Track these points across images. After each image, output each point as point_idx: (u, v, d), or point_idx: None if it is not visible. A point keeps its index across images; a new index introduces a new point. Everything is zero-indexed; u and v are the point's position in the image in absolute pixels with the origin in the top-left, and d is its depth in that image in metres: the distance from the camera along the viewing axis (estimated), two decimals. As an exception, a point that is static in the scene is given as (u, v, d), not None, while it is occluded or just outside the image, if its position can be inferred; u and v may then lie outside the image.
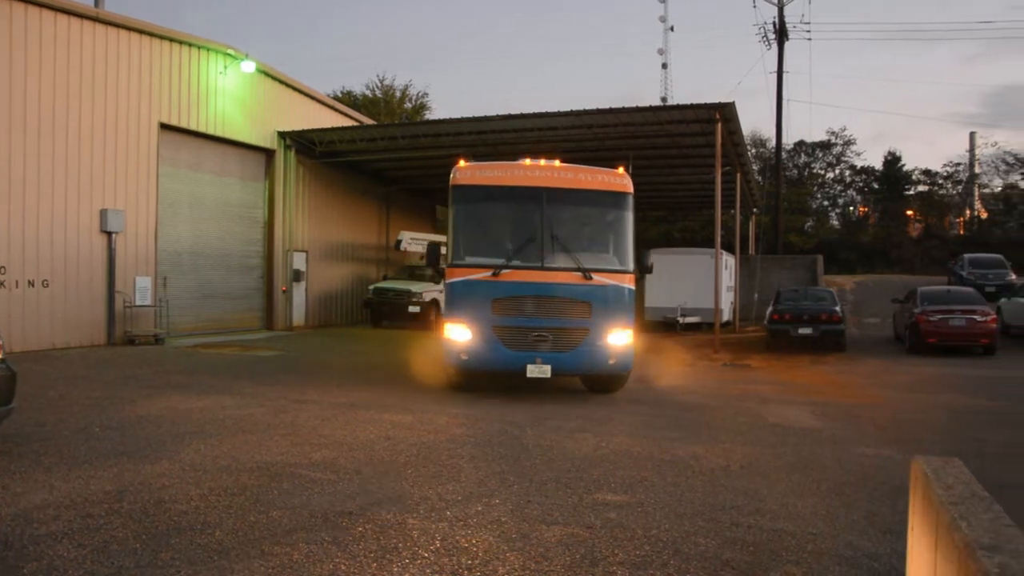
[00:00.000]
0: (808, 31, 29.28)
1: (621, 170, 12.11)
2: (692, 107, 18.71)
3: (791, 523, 5.95)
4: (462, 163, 11.95)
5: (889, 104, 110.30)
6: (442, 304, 21.04)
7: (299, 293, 24.40)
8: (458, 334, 11.31)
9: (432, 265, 11.89)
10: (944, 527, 2.98)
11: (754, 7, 28.09)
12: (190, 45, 20.23)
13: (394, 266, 29.26)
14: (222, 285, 21.90)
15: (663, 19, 64.10)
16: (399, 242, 28.24)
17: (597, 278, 11.24)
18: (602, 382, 12.15)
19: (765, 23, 27.95)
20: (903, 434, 9.62)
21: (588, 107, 19.25)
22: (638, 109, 19.28)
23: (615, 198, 11.88)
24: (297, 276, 24.06)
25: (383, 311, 25.43)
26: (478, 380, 12.12)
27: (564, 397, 12.01)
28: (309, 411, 10.19)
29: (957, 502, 3.13)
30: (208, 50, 20.79)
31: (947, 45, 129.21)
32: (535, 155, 23.43)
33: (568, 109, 19.51)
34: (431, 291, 24.90)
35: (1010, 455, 8.61)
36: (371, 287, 26.03)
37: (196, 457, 7.54)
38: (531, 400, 11.59)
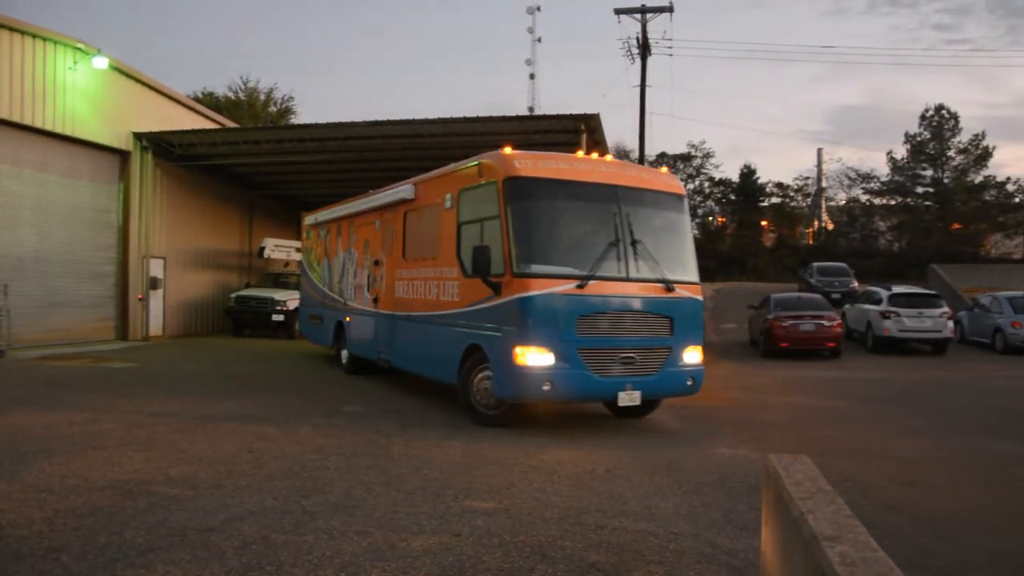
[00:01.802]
0: (670, 47, 30.54)
1: (665, 170, 11.30)
2: (558, 117, 19.08)
3: (654, 524, 6.14)
4: (508, 150, 10.11)
5: (744, 119, 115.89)
6: (299, 309, 20.46)
7: (156, 301, 23.31)
8: (537, 359, 9.21)
9: (481, 274, 9.50)
10: (793, 521, 3.16)
11: (618, 22, 28.84)
12: (34, 37, 18.98)
13: (257, 274, 28.43)
14: (71, 293, 20.63)
15: (531, 31, 65.17)
16: (262, 249, 27.46)
17: (678, 290, 10.04)
18: (642, 407, 10.47)
19: (629, 38, 28.84)
20: (758, 434, 10.10)
21: (456, 115, 19.30)
22: (506, 118, 19.48)
23: (678, 201, 10.82)
24: (154, 284, 22.98)
25: (245, 320, 24.66)
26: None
27: (429, 405, 11.97)
28: (166, 425, 9.76)
29: (805, 497, 3.33)
30: (56, 43, 19.57)
31: (796, 67, 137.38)
32: (403, 163, 23.53)
33: (436, 117, 19.49)
34: (295, 299, 24.32)
35: (853, 451, 9.19)
36: (233, 295, 25.19)
37: (40, 477, 7.08)
38: (396, 409, 11.50)
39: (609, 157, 10.57)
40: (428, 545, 5.49)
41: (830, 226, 55.05)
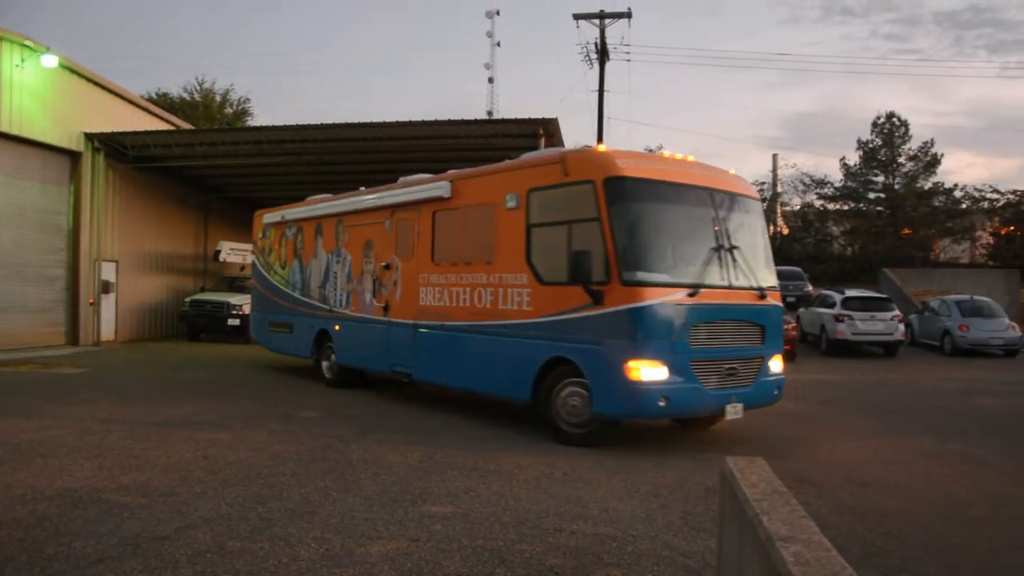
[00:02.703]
0: (628, 53, 30.79)
1: (733, 171, 10.84)
2: (516, 121, 19.12)
3: (612, 527, 6.17)
4: (601, 147, 9.52)
5: (702, 125, 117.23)
6: (251, 315, 18.30)
7: (108, 306, 22.87)
8: (652, 374, 8.60)
9: (582, 281, 8.77)
10: (748, 522, 3.20)
11: (577, 27, 28.97)
12: (-20, 34, 18.54)
13: (213, 277, 28.04)
14: (18, 297, 20.14)
15: (490, 35, 65.12)
16: (218, 252, 27.10)
17: (769, 297, 9.77)
18: (709, 418, 10.18)
19: (588, 43, 28.93)
20: (715, 437, 10.18)
21: (415, 118, 19.26)
22: (464, 122, 19.49)
23: (757, 204, 10.49)
24: (106, 288, 22.55)
25: (200, 324, 24.30)
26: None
27: (389, 410, 11.90)
28: (118, 431, 9.57)
29: (760, 498, 3.37)
30: (1, 40, 19.10)
31: (752, 73, 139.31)
32: (362, 166, 23.41)
33: (395, 120, 19.43)
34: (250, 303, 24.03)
35: (808, 452, 9.31)
36: (187, 299, 24.81)
37: (-14, 486, 6.90)
38: (355, 414, 11.41)
39: (691, 158, 9.99)
40: (386, 551, 5.46)
41: (785, 231, 55.84)
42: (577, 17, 28.74)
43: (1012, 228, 48.39)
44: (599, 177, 9.00)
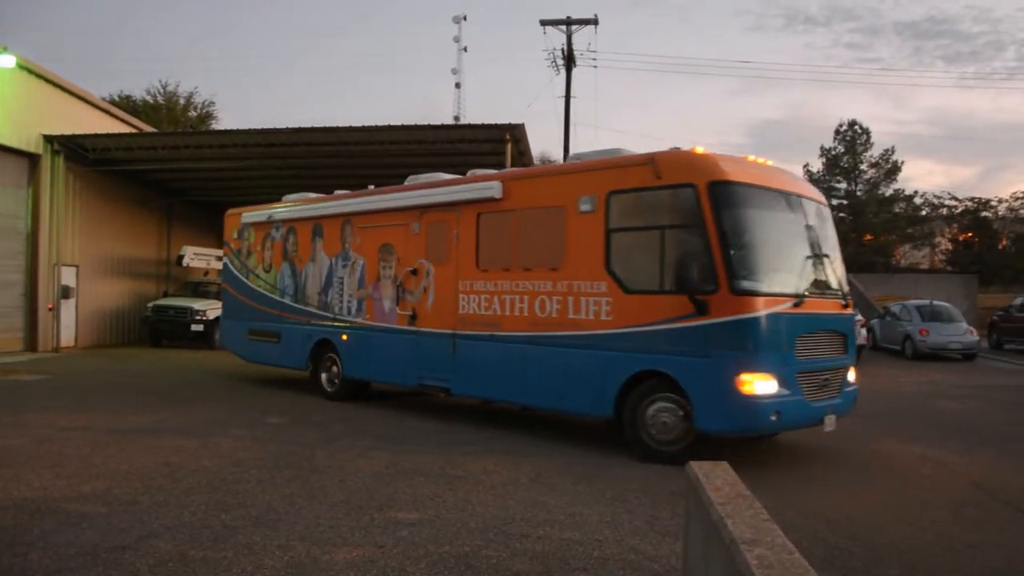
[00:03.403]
0: (595, 59, 31.03)
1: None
2: (483, 127, 19.12)
3: (578, 531, 6.18)
4: (699, 149, 9.04)
5: (668, 131, 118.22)
6: (222, 322, 17.20)
7: (68, 311, 22.48)
8: (765, 387, 8.20)
9: (688, 290, 8.29)
10: (713, 525, 3.22)
11: (544, 34, 29.12)
12: (-64, 35, 18.14)
13: (176, 282, 27.69)
14: (-25, 303, 19.76)
15: (457, 40, 65.06)
16: (181, 257, 26.76)
17: (849, 306, 9.62)
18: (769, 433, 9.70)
19: (554, 49, 29.04)
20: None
21: (381, 123, 19.19)
22: (431, 127, 19.45)
23: (829, 211, 10.24)
24: (66, 293, 22.17)
25: (163, 330, 23.97)
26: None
27: (355, 416, 11.82)
28: (78, 439, 9.41)
29: (724, 502, 3.40)
30: (-41, 42, 18.76)
31: (717, 80, 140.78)
32: (326, 170, 23.25)
33: (361, 124, 19.36)
34: (216, 308, 23.74)
35: (770, 456, 9.39)
36: (150, 304, 24.47)
37: (-60, 495, 6.75)
38: (321, 420, 11.33)
39: (769, 162, 9.62)
40: (351, 558, 5.42)
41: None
42: (544, 23, 28.86)
43: (970, 234, 49.34)
44: (702, 181, 8.50)
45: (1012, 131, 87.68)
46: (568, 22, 28.76)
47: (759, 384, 8.14)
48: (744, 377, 8.12)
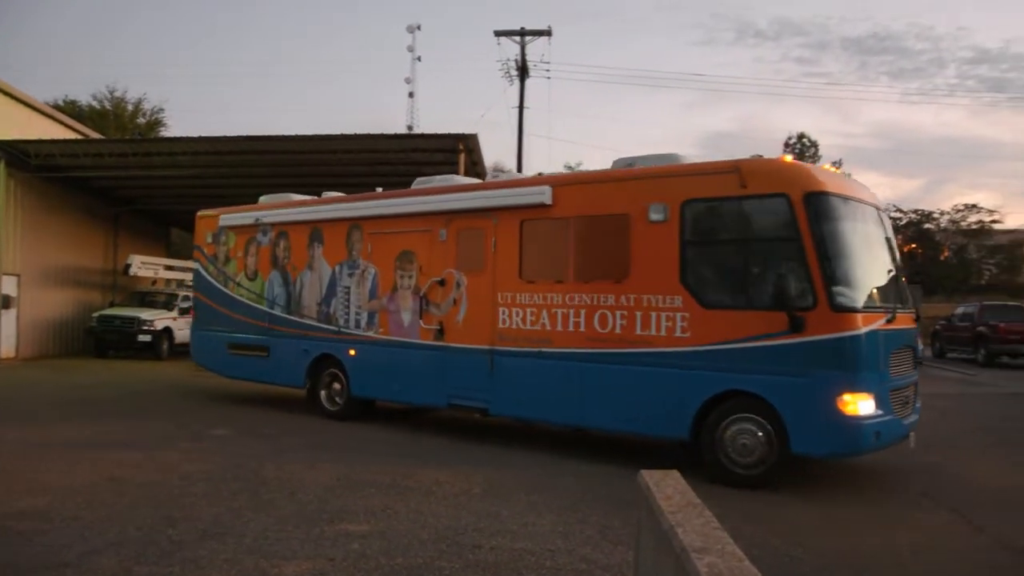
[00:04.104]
0: (548, 70, 31.35)
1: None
2: (437, 136, 19.13)
3: (531, 541, 6.17)
4: (787, 158, 8.66)
5: (621, 142, 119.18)
6: (193, 334, 14.93)
7: (9, 321, 21.86)
8: (867, 407, 7.83)
9: (786, 307, 7.88)
10: (664, 534, 3.23)
11: (498, 44, 29.24)
12: None
13: (123, 292, 27.12)
14: (-89, 313, 19.10)
15: (411, 49, 64.88)
16: (128, 266, 26.20)
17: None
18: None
19: (508, 60, 29.14)
20: (630, 449, 10.26)
21: (335, 132, 19.08)
22: (384, 136, 19.43)
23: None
24: (6, 302, 21.57)
25: (109, 340, 23.46)
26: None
27: (304, 426, 11.68)
28: (17, 453, 9.15)
29: (674, 511, 3.41)
30: None
31: (670, 93, 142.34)
32: (279, 179, 22.98)
33: (314, 133, 19.22)
34: (163, 318, 23.32)
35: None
36: (95, 314, 23.92)
37: None
38: (270, 432, 11.17)
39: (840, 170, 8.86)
40: (301, 571, 5.34)
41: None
42: (498, 34, 28.96)
43: (914, 245, 50.54)
44: (796, 191, 8.06)
45: (954, 145, 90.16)
46: (522, 33, 28.91)
47: (862, 404, 7.76)
48: (846, 397, 7.71)
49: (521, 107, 28.69)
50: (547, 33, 28.86)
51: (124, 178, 23.99)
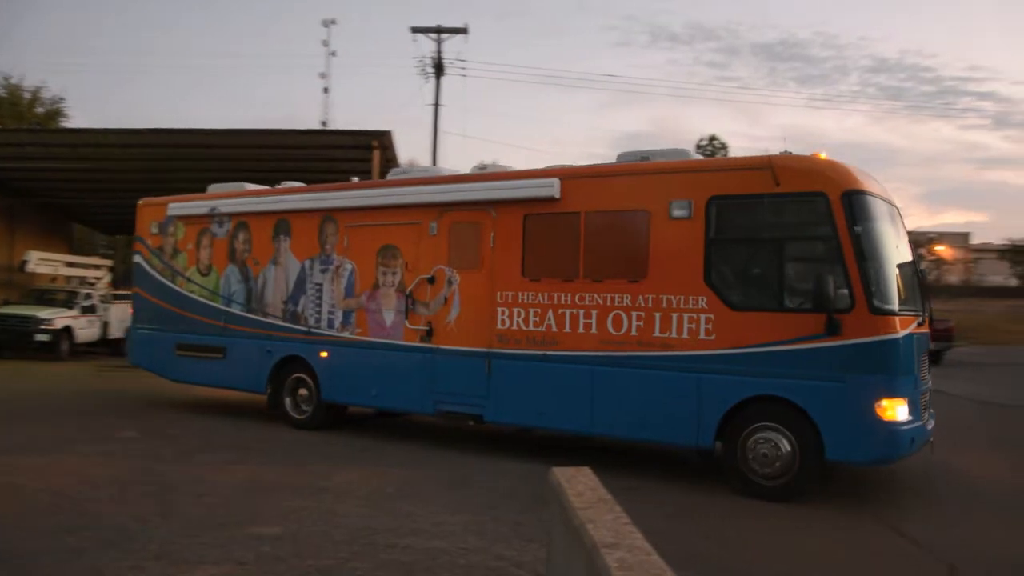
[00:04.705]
0: (464, 68, 31.26)
1: None
2: (351, 133, 18.96)
3: (444, 540, 6.18)
4: (822, 155, 8.28)
5: (537, 141, 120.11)
6: (132, 333, 13.77)
7: None
8: (904, 412, 7.61)
9: (826, 309, 7.52)
10: (575, 530, 3.28)
11: (415, 41, 29.05)
12: None
13: (19, 290, 25.91)
14: None
15: (326, 44, 63.85)
16: (25, 263, 25.05)
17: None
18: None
19: (424, 57, 28.99)
20: (542, 447, 10.33)
21: (248, 127, 18.69)
22: (297, 132, 19.16)
23: None
24: None
25: (3, 340, 22.39)
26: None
27: (214, 427, 11.40)
28: (-97, 460, 8.66)
29: (586, 507, 3.47)
30: None
31: (585, 93, 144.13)
32: (190, 173, 22.36)
33: (226, 128, 18.78)
34: (63, 317, 22.38)
35: (636, 461, 9.63)
36: (-12, 313, 22.82)
37: None
38: (178, 433, 10.85)
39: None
40: (209, 577, 5.22)
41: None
42: (415, 31, 28.77)
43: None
44: (835, 190, 7.78)
45: (856, 149, 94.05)
46: (438, 30, 28.80)
47: (900, 410, 7.55)
48: (886, 403, 7.49)
49: (437, 105, 28.60)
50: (463, 31, 28.82)
51: (20, 169, 22.95)
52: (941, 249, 57.72)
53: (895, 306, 7.68)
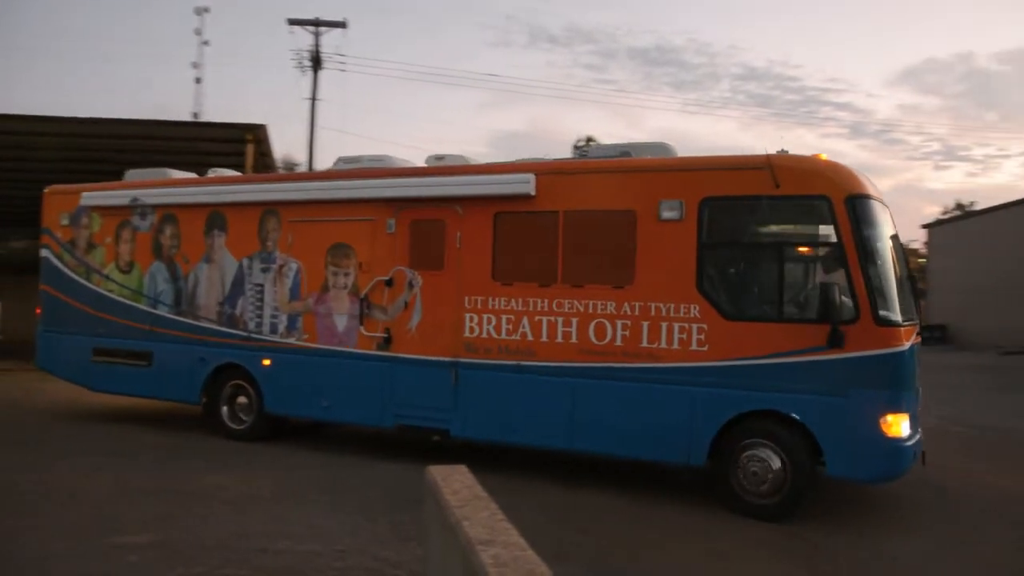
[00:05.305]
0: (343, 63, 30.67)
1: None
2: (224, 126, 18.37)
3: (319, 543, 6.12)
4: (823, 156, 7.73)
5: (417, 139, 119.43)
6: (40, 336, 12.18)
7: None
8: (906, 428, 7.28)
9: (830, 319, 7.08)
10: (451, 528, 3.33)
11: (292, 33, 28.39)
12: None
13: None
14: None
15: (199, 32, 61.56)
16: None
17: None
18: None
19: (302, 50, 28.39)
20: (421, 448, 10.25)
21: (112, 116, 17.82)
22: (167, 123, 18.38)
23: None
24: None
25: None
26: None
27: (77, 432, 10.84)
28: None
29: (461, 504, 3.52)
30: None
31: (466, 92, 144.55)
32: (50, 163, 21.09)
33: (90, 116, 17.82)
34: None
35: (521, 460, 9.64)
36: None
37: None
38: (37, 438, 10.29)
39: None
40: (71, 589, 5.00)
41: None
42: (292, 22, 28.16)
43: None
44: (838, 194, 7.33)
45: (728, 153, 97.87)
46: (316, 23, 28.28)
47: (904, 425, 7.24)
48: (891, 418, 7.15)
49: (314, 99, 28.10)
50: (342, 25, 28.39)
51: None
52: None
53: (899, 317, 7.35)
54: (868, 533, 7.06)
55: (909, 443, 7.29)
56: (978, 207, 50.90)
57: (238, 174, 11.75)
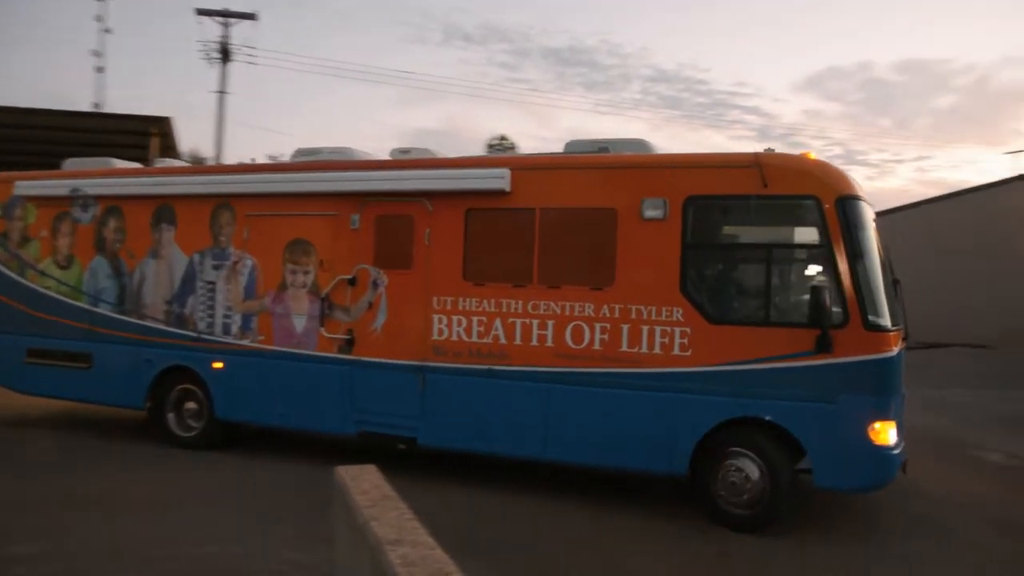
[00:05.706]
0: (254, 56, 29.86)
1: None
2: (127, 117, 17.90)
3: (226, 546, 5.96)
4: (812, 155, 7.50)
5: (332, 134, 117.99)
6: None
7: None
8: (894, 435, 7.09)
9: (820, 323, 6.80)
10: (360, 528, 3.25)
11: (200, 23, 27.61)
12: None
13: None
14: None
15: (100, 19, 59.33)
16: None
17: None
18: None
19: (210, 42, 27.68)
20: (324, 448, 9.99)
21: (8, 104, 17.04)
22: (65, 113, 17.79)
23: None
24: None
25: None
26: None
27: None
28: None
29: (370, 504, 3.45)
30: None
31: (381, 88, 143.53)
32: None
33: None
34: None
35: (433, 459, 9.58)
36: None
37: None
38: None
39: None
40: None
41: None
42: (200, 12, 27.53)
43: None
44: (829, 195, 7.13)
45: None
46: (225, 14, 27.68)
47: (891, 432, 7.07)
48: (879, 425, 6.97)
49: (222, 91, 27.48)
50: (252, 16, 27.84)
51: None
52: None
53: (888, 322, 7.19)
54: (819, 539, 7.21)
55: (896, 451, 7.14)
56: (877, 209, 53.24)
57: (189, 164, 11.21)
